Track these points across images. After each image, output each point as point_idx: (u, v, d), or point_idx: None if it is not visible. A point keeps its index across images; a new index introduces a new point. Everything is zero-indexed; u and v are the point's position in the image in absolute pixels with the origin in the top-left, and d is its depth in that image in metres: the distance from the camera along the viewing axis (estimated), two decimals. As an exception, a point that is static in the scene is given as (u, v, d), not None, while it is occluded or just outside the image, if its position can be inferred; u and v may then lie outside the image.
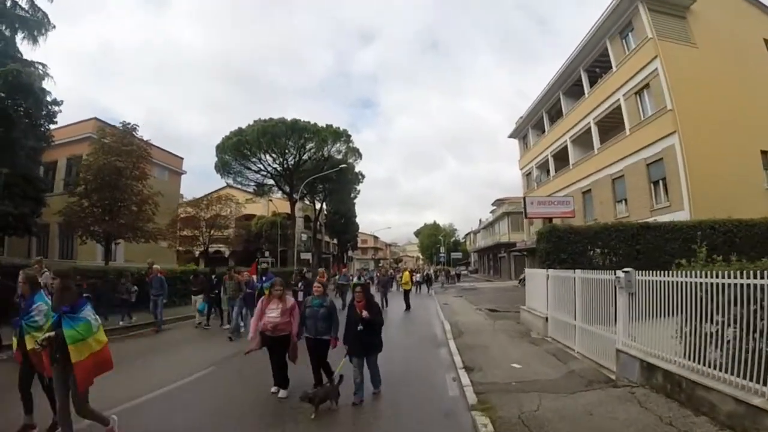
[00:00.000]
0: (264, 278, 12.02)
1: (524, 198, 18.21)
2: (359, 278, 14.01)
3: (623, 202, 22.93)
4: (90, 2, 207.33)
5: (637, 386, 6.58)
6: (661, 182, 20.31)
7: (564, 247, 12.21)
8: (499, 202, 61.40)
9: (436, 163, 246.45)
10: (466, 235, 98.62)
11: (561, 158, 30.58)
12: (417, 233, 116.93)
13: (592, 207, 25.46)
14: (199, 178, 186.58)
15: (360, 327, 6.28)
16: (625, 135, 22.63)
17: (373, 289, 15.30)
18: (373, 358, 6.56)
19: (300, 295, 14.35)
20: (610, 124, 25.08)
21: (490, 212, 66.64)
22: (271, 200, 50.61)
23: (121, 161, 23.09)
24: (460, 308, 19.05)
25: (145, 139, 25.83)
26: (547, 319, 11.15)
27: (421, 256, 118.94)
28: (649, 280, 6.65)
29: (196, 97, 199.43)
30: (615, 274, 7.35)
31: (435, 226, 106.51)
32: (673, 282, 6.09)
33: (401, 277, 25.05)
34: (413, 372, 8.29)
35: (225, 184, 50.87)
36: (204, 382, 7.75)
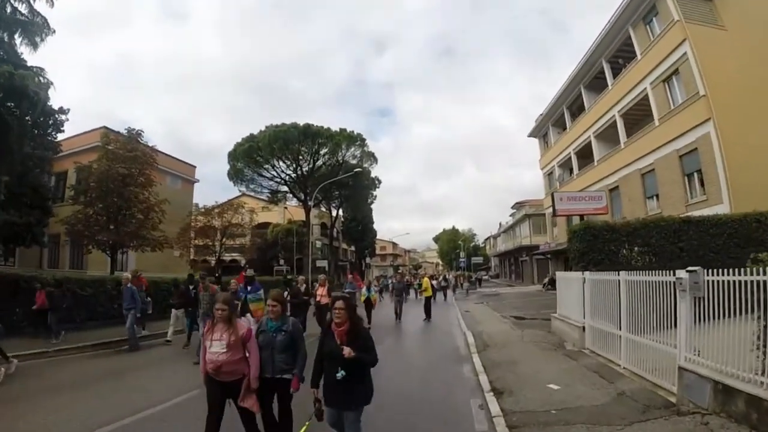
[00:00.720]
0: (249, 288, 10.32)
1: (552, 194, 16.90)
2: (368, 288, 11.89)
3: (654, 198, 21.44)
4: (111, 17, 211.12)
5: (709, 413, 5.32)
6: (696, 174, 18.87)
7: (600, 246, 10.88)
8: (518, 206, 59.76)
9: (455, 169, 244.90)
10: (486, 239, 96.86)
11: (584, 155, 29.14)
12: (436, 239, 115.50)
13: (620, 204, 23.96)
14: (219, 188, 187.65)
15: (340, 373, 3.90)
16: (653, 126, 21.20)
17: (387, 298, 14.11)
18: (352, 416, 4.05)
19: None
20: (637, 116, 23.66)
21: (510, 216, 65.04)
22: (286, 208, 49.83)
23: (125, 168, 22.48)
24: (482, 316, 17.74)
25: (150, 145, 25.24)
26: (584, 328, 9.84)
27: (440, 262, 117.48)
28: (721, 281, 5.36)
29: (215, 108, 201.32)
30: (675, 274, 6.06)
31: (454, 232, 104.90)
32: (758, 282, 4.81)
33: (419, 284, 23.84)
34: (431, 398, 7.01)
35: (240, 193, 50.68)
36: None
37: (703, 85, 18.14)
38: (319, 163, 41.47)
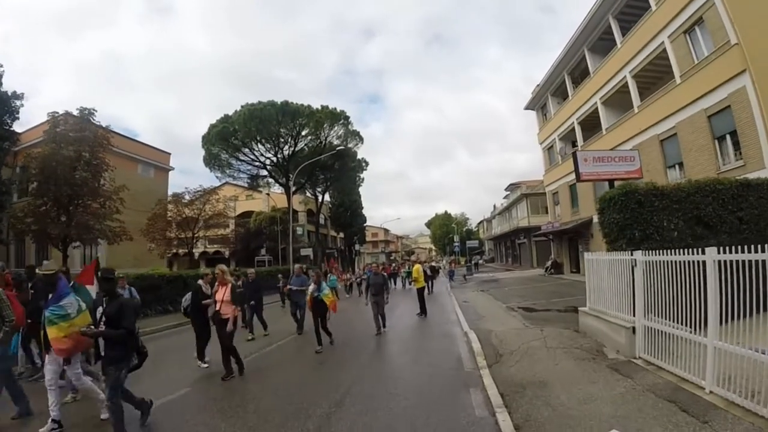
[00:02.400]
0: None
1: (574, 154, 14.05)
2: (319, 286, 8.88)
3: (676, 167, 18.75)
4: (97, 14, 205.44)
5: None
6: (728, 137, 16.16)
7: (646, 217, 8.16)
8: (513, 187, 57.17)
9: (447, 155, 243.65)
10: (479, 223, 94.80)
11: (590, 125, 26.41)
12: (428, 224, 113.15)
13: (634, 177, 21.32)
14: (208, 180, 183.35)
15: None
16: (674, 84, 18.45)
17: (364, 299, 11.45)
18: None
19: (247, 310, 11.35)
20: (652, 76, 20.93)
21: (504, 198, 62.52)
22: (268, 194, 46.94)
23: (74, 150, 19.74)
24: (485, 308, 15.01)
25: (117, 129, 22.59)
26: (633, 329, 7.15)
27: (433, 248, 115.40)
28: None
29: (204, 102, 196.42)
30: None
31: (446, 216, 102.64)
32: None
33: (408, 272, 21.12)
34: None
35: (220, 182, 47.78)
36: None
37: (734, 33, 15.41)
38: (301, 145, 38.65)
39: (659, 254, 6.66)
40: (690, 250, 5.90)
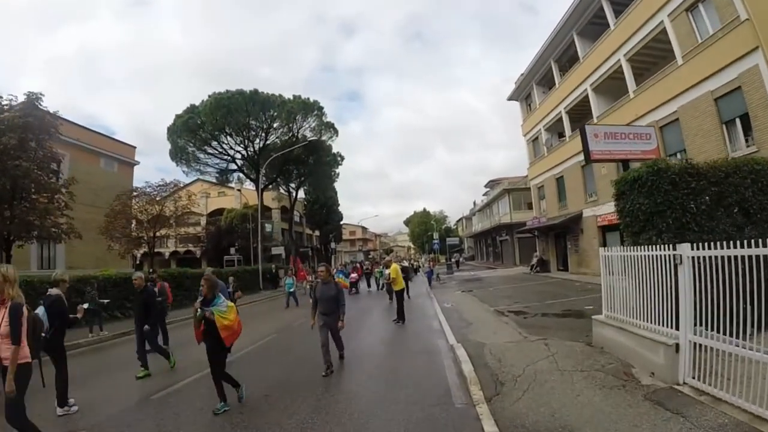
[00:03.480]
0: None
1: (583, 128, 12.34)
2: (206, 301, 6.22)
3: (677, 155, 17.21)
4: (72, 9, 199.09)
5: None
6: (738, 120, 14.66)
7: (682, 201, 6.44)
8: (493, 183, 55.83)
9: (425, 153, 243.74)
10: (458, 221, 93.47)
11: (579, 114, 24.92)
12: (407, 222, 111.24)
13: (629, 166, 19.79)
14: (181, 176, 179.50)
15: None
16: (676, 66, 16.95)
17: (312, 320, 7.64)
18: None
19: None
20: (649, 60, 19.59)
21: (484, 195, 61.14)
22: (239, 190, 44.66)
23: (15, 138, 17.50)
24: (472, 313, 13.17)
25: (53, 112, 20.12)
26: (677, 346, 5.39)
27: (412, 246, 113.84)
28: None
29: (178, 98, 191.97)
30: None
31: (425, 214, 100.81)
32: None
33: (381, 272, 19.23)
34: None
35: (192, 178, 45.37)
36: None
37: (744, 8, 13.95)
38: (273, 138, 36.47)
39: (715, 248, 4.91)
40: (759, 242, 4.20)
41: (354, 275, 17.50)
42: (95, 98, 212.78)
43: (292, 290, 19.41)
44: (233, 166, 38.38)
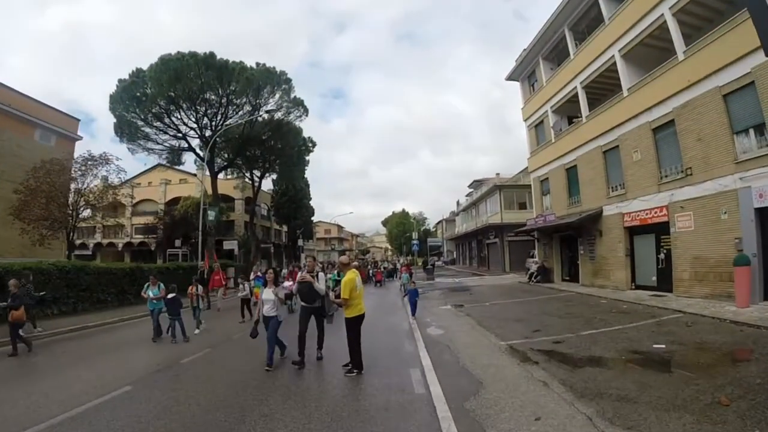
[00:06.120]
0: None
1: None
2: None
3: (750, 131, 12.55)
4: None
5: None
6: None
7: None
8: (477, 183, 51.22)
9: (408, 154, 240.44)
10: (437, 223, 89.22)
11: (599, 89, 20.28)
12: (384, 222, 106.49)
13: (675, 148, 15.10)
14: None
15: None
16: (744, 17, 12.26)
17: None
18: None
19: None
20: (703, 14, 15.00)
21: (467, 195, 56.52)
22: (195, 175, 39.22)
23: None
24: (475, 354, 8.04)
25: None
26: None
27: (389, 247, 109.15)
28: None
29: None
30: None
31: (404, 215, 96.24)
32: None
33: (335, 280, 13.32)
34: None
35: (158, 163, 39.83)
36: None
37: None
38: (231, 113, 30.85)
39: None
40: None
41: (289, 284, 11.79)
42: (78, 82, 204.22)
43: (162, 308, 10.93)
44: (185, 145, 32.77)
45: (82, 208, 23.64)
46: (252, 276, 14.80)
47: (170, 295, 10.67)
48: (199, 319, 11.81)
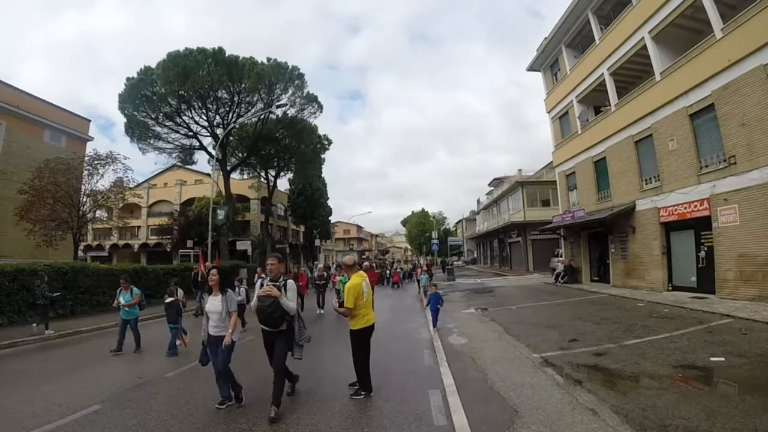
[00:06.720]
0: None
1: None
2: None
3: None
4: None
5: None
6: None
7: None
8: (497, 182, 49.78)
9: (426, 155, 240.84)
10: (457, 222, 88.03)
11: (628, 73, 19.02)
12: (404, 222, 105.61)
13: (716, 135, 13.80)
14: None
15: None
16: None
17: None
18: None
19: None
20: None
21: (487, 194, 55.18)
22: (208, 174, 38.65)
23: None
24: (505, 370, 6.92)
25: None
26: None
27: (409, 247, 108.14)
28: None
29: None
30: None
31: (423, 214, 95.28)
32: None
33: (340, 288, 11.76)
34: None
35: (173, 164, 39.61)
36: None
37: None
38: (243, 111, 30.12)
39: None
40: None
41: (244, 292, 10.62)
42: (96, 88, 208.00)
43: (137, 317, 9.74)
44: (196, 144, 32.16)
45: (90, 209, 23.12)
46: (256, 277, 13.84)
47: (168, 299, 9.71)
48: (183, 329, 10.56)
